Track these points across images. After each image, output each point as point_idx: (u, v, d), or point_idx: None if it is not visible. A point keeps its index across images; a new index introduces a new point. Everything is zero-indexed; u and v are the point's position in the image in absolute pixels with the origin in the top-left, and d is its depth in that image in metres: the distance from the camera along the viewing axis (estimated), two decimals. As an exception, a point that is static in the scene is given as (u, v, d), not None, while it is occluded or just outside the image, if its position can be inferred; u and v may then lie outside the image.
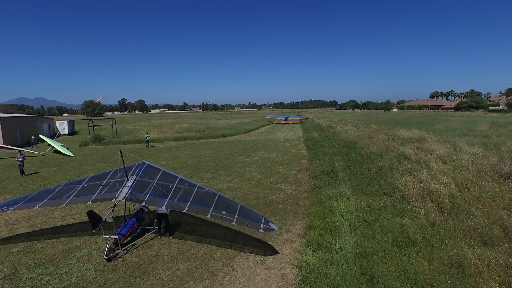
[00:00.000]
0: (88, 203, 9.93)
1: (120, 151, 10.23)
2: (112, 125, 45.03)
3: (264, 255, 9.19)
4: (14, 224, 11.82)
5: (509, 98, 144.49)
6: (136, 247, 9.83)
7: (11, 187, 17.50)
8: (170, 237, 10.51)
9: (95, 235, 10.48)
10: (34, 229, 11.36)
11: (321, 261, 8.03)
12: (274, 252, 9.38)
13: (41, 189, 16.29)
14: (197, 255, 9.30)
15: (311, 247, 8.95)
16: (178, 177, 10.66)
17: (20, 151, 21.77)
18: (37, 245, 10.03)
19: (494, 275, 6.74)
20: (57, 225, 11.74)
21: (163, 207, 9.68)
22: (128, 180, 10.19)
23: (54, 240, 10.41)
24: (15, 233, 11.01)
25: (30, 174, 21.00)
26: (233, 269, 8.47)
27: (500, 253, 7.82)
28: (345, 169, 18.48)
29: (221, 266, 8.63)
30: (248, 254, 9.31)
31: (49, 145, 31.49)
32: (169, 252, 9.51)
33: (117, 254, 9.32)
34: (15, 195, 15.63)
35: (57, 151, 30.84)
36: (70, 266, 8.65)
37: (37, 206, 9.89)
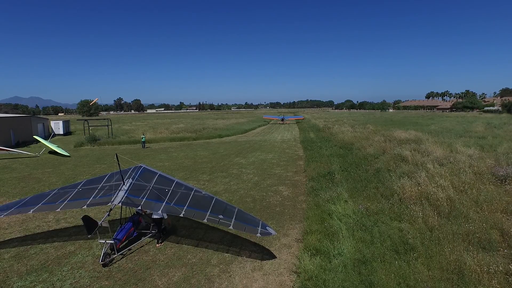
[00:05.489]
0: (84, 207, 9.78)
1: (116, 154, 10.04)
2: (107, 126, 44.62)
3: (262, 261, 9.07)
4: (6, 229, 11.57)
5: (503, 98, 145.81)
6: (132, 252, 9.66)
7: (4, 190, 17.19)
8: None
9: (90, 240, 10.30)
10: (27, 234, 11.13)
11: (319, 267, 7.91)
12: (271, 257, 9.26)
13: (35, 191, 16.07)
14: (194, 260, 9.16)
15: (309, 252, 8.84)
16: (174, 180, 10.53)
17: None
18: (30, 250, 9.81)
19: (494, 282, 6.68)
20: (50, 230, 11.52)
21: (159, 211, 9.56)
22: (124, 184, 10.02)
23: (48, 245, 10.20)
24: (7, 238, 10.78)
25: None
26: (230, 275, 8.34)
27: (499, 258, 7.79)
28: (342, 171, 18.39)
29: (218, 272, 8.49)
30: (246, 259, 9.18)
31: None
32: (165, 257, 9.35)
33: (113, 259, 9.14)
34: (8, 198, 15.35)
35: (52, 152, 30.48)
36: (63, 273, 8.46)
37: (31, 211, 9.70)
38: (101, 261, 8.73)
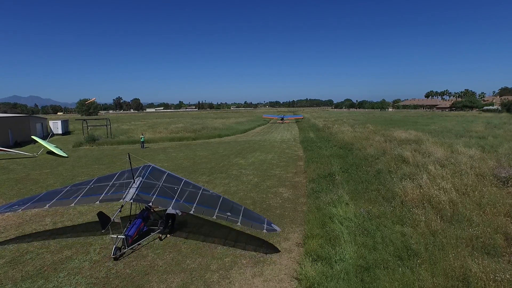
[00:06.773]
0: (96, 203, 10.17)
1: (128, 154, 10.70)
2: (106, 125, 44.37)
3: (262, 266, 8.89)
4: (2, 232, 11.38)
5: (502, 97, 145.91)
6: (129, 258, 9.47)
7: (1, 191, 16.99)
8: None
9: (87, 245, 10.21)
10: (23, 238, 10.94)
11: (321, 274, 7.73)
12: (272, 262, 9.08)
13: (32, 193, 15.87)
14: (193, 266, 8.98)
15: (310, 257, 8.65)
16: (182, 179, 11.14)
17: None
18: (26, 255, 9.62)
19: (501, 291, 6.51)
20: (47, 233, 11.33)
21: (171, 208, 9.97)
22: (134, 182, 10.47)
23: (44, 250, 10.01)
24: (2, 241, 10.60)
25: None
26: (230, 282, 8.16)
27: (505, 264, 7.63)
28: (342, 172, 18.22)
29: (218, 279, 8.31)
30: (246, 265, 9.01)
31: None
32: (164, 263, 9.17)
33: (124, 253, 9.42)
34: (5, 200, 15.15)
35: (50, 152, 30.24)
36: (59, 279, 8.27)
37: (47, 205, 10.09)
38: (113, 255, 9.07)
